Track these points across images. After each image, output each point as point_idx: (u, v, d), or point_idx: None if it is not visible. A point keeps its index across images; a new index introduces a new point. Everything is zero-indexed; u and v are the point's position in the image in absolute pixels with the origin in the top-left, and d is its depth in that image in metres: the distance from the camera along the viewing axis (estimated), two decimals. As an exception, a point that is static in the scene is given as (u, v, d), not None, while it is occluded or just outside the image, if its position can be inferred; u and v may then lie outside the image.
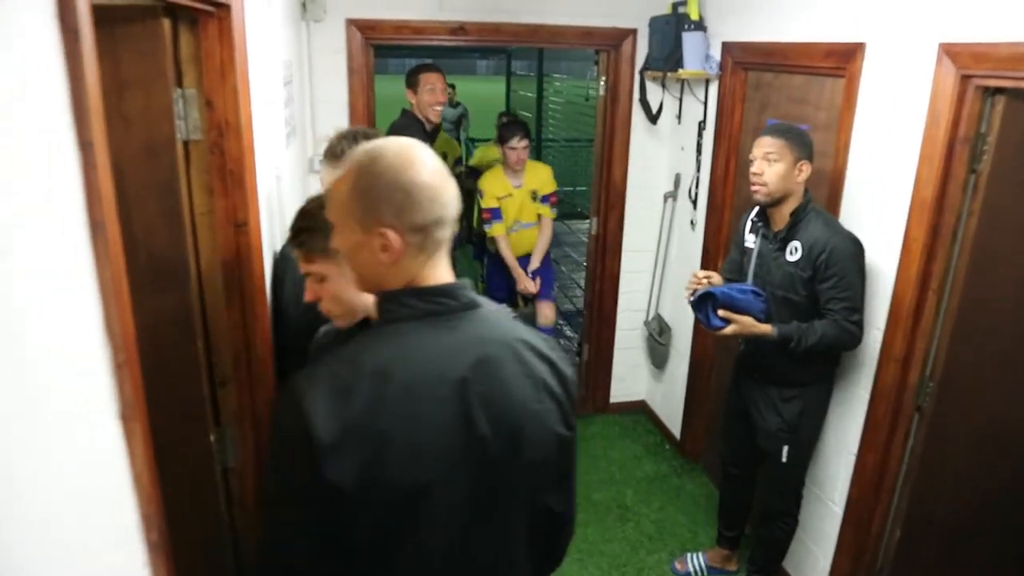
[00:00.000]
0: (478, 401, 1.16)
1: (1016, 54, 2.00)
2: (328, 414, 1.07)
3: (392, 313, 1.18)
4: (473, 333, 1.21)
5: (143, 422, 1.00)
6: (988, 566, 2.76)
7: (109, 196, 0.90)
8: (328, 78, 3.60)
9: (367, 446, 1.09)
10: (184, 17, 1.71)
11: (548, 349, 1.30)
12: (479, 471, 1.18)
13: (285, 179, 2.57)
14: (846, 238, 2.48)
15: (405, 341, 1.16)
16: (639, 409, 4.69)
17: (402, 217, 1.13)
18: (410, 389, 1.12)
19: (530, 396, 1.23)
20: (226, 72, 1.77)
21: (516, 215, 4.36)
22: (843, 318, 2.46)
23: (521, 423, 1.21)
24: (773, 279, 2.64)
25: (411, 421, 1.12)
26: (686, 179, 3.96)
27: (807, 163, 2.52)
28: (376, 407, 1.10)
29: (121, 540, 0.95)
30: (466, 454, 1.16)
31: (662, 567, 3.34)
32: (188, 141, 1.79)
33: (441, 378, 1.14)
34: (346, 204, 1.16)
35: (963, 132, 2.24)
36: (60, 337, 0.81)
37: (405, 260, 1.16)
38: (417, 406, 1.12)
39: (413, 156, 1.16)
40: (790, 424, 2.71)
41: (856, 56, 2.61)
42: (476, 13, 3.66)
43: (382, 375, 1.11)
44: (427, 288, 1.19)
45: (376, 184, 1.13)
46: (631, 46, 3.92)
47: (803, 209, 2.55)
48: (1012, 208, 2.31)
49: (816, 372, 2.69)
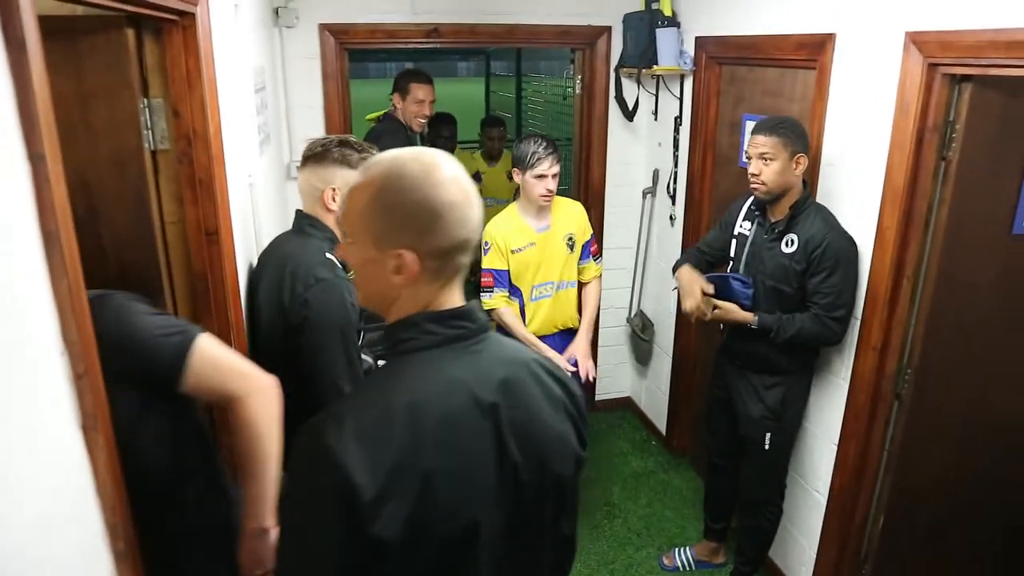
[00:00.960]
0: (509, 426, 1.11)
1: (981, 41, 2.02)
2: (367, 461, 0.97)
3: (414, 341, 1.10)
4: (495, 355, 1.16)
5: (107, 432, 0.99)
6: (970, 553, 2.79)
7: (63, 207, 0.89)
8: (302, 84, 3.59)
9: (413, 491, 1.00)
10: (148, 26, 1.70)
11: (557, 370, 1.27)
12: (513, 499, 1.14)
13: (260, 186, 2.56)
14: (843, 236, 2.49)
15: (434, 370, 1.09)
16: (624, 406, 4.70)
17: (424, 240, 1.05)
18: (448, 421, 1.05)
19: (552, 417, 1.19)
20: (192, 81, 1.76)
21: (542, 271, 3.14)
22: (824, 313, 2.48)
23: (546, 445, 1.17)
24: (765, 268, 2.64)
25: (454, 455, 1.05)
26: (664, 175, 3.97)
27: (804, 156, 2.50)
28: (416, 446, 1.01)
29: (86, 550, 0.95)
30: (502, 483, 1.11)
31: (650, 563, 3.35)
32: (156, 151, 1.78)
33: (476, 405, 1.08)
34: (363, 218, 1.07)
35: (932, 120, 2.26)
36: (15, 349, 0.81)
37: (419, 285, 1.08)
38: (457, 439, 1.06)
39: (442, 172, 1.07)
40: (773, 411, 2.73)
41: (826, 47, 2.63)
42: (450, 15, 3.65)
43: (417, 409, 1.03)
44: (446, 312, 1.11)
45: (401, 202, 1.04)
46: (606, 44, 3.93)
47: (803, 203, 2.54)
48: (982, 194, 2.33)
49: (798, 360, 2.70)
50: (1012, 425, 2.61)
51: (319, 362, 1.95)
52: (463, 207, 1.07)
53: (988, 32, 1.99)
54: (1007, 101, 2.24)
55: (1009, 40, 1.92)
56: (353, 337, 2.00)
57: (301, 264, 1.99)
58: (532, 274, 3.12)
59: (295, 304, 1.95)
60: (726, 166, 3.49)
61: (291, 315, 1.96)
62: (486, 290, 3.10)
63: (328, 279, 1.96)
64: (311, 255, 2.01)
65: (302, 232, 2.11)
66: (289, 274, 1.99)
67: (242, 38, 2.38)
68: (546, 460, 1.17)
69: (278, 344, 2.03)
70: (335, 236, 2.11)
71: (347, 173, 2.08)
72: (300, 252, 2.04)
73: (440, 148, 1.19)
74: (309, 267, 1.98)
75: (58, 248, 0.87)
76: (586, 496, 3.77)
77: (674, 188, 3.88)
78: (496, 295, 3.09)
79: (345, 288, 1.98)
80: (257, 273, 2.18)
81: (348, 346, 1.98)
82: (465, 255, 1.11)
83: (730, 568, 3.21)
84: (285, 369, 2.00)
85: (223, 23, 2.08)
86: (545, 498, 1.19)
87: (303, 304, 1.94)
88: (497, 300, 3.09)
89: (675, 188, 3.87)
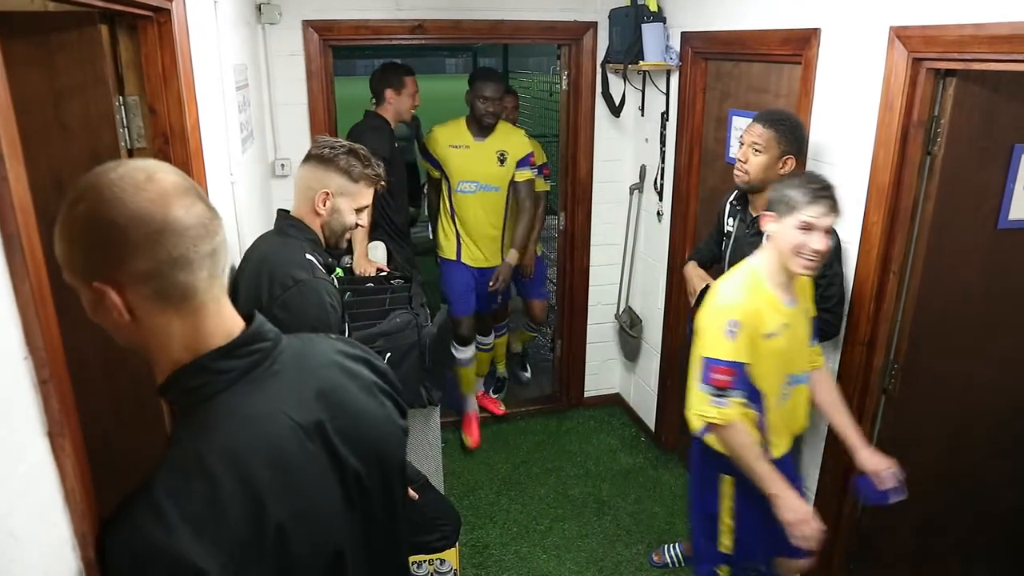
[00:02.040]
0: (339, 438, 1.05)
1: (965, 36, 2.01)
2: (210, 546, 0.85)
3: (208, 387, 0.96)
4: (300, 368, 1.07)
5: (74, 437, 0.97)
6: (957, 548, 2.79)
7: (25, 208, 0.87)
8: (287, 81, 3.56)
9: (270, 551, 0.91)
10: (122, 23, 1.67)
11: (357, 348, 1.22)
12: (364, 509, 1.11)
13: (242, 184, 2.53)
14: None
15: (243, 412, 0.96)
16: (613, 402, 4.69)
17: (117, 266, 0.88)
18: (278, 464, 0.95)
19: (373, 405, 1.15)
20: (169, 78, 1.74)
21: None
22: (820, 308, 2.41)
23: (379, 440, 1.14)
24: None
25: (296, 498, 0.96)
26: (651, 171, 3.96)
27: (793, 158, 2.45)
28: (256, 505, 0.91)
29: (54, 559, 0.93)
30: (350, 500, 1.07)
31: (640, 559, 3.34)
32: (133, 149, 1.75)
33: (299, 432, 1.00)
34: (61, 256, 0.91)
35: (917, 115, 2.26)
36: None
37: (152, 320, 0.92)
38: (294, 478, 0.97)
39: (133, 182, 0.89)
40: None
41: (812, 42, 2.62)
42: (435, 11, 3.63)
43: (240, 464, 0.91)
44: (232, 343, 0.98)
45: (80, 228, 0.88)
46: (592, 39, 3.91)
47: None
48: (968, 189, 2.33)
49: None
50: (999, 419, 2.61)
51: None
52: (157, 219, 0.88)
53: (971, 27, 1.98)
54: (991, 95, 2.24)
55: (992, 35, 1.92)
56: None
57: (278, 266, 1.96)
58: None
59: (272, 306, 1.92)
60: (713, 162, 3.48)
61: (268, 317, 1.93)
62: (719, 393, 2.10)
63: (305, 280, 1.94)
64: (290, 256, 1.99)
65: (282, 232, 2.08)
66: (267, 276, 1.96)
67: (222, 35, 2.35)
68: (382, 454, 1.14)
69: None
70: (317, 238, 2.09)
71: (345, 183, 2.07)
72: (278, 253, 2.01)
73: None
74: (286, 269, 1.95)
75: (19, 250, 0.85)
76: (575, 493, 3.77)
77: (661, 184, 3.87)
78: (732, 400, 2.11)
79: (324, 289, 1.96)
80: (238, 274, 2.15)
81: None
82: (189, 272, 0.92)
83: None
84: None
85: (201, 19, 2.06)
86: (391, 489, 1.18)
87: (280, 307, 1.92)
88: (733, 409, 2.12)
89: (662, 184, 3.86)
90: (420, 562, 2.92)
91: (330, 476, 1.04)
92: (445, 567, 2.93)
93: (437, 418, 3.06)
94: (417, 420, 2.98)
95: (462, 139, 3.81)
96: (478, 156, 3.81)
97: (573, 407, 4.66)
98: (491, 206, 3.92)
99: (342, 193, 2.08)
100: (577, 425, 4.49)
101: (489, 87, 3.70)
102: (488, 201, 3.90)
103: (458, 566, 3.02)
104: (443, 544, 2.41)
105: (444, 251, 4.05)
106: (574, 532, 3.51)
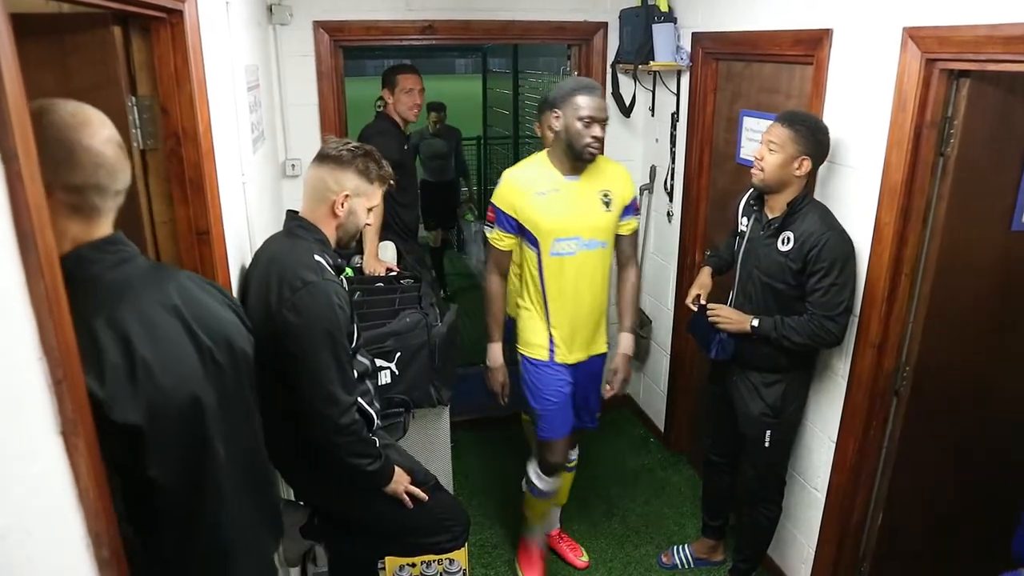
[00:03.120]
0: (191, 317, 1.31)
1: (979, 37, 2.00)
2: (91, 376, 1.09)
3: (87, 269, 1.20)
4: (158, 271, 1.37)
5: (88, 437, 0.97)
6: (970, 551, 2.76)
7: (40, 207, 0.87)
8: (297, 82, 3.57)
9: (140, 379, 1.17)
10: (135, 24, 1.68)
11: (203, 280, 1.50)
12: (217, 377, 1.34)
13: (253, 185, 2.54)
14: (840, 235, 2.43)
15: (116, 286, 1.22)
16: (622, 403, 4.68)
17: (58, 174, 1.13)
18: (143, 318, 1.21)
19: (221, 310, 1.42)
20: (181, 79, 1.74)
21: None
22: (821, 314, 2.43)
23: (224, 326, 1.40)
24: (760, 265, 2.60)
25: (158, 342, 1.22)
26: (661, 171, 3.96)
27: (809, 159, 2.43)
28: (124, 342, 1.16)
29: (68, 559, 0.93)
30: (204, 365, 1.32)
31: (648, 560, 3.34)
32: (145, 149, 1.76)
33: (159, 306, 1.26)
34: None
35: (930, 116, 2.24)
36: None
37: (60, 220, 1.14)
38: (157, 331, 1.23)
39: (88, 118, 1.17)
40: (773, 409, 2.68)
41: (823, 42, 2.61)
42: (444, 11, 3.63)
43: (113, 319, 1.17)
44: (102, 240, 1.22)
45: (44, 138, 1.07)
46: (602, 40, 3.90)
47: (800, 200, 2.49)
48: (981, 190, 2.31)
49: (797, 356, 2.64)
50: (1011, 422, 2.59)
51: (308, 367, 1.93)
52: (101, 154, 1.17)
53: (986, 27, 1.97)
54: (1005, 96, 2.22)
55: (1007, 35, 1.90)
56: (342, 340, 1.98)
57: (288, 267, 1.97)
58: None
59: (282, 308, 1.93)
60: (723, 162, 3.47)
61: (278, 319, 1.94)
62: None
63: (314, 282, 1.94)
64: (298, 257, 1.99)
65: (291, 234, 2.08)
66: (276, 277, 1.96)
67: (234, 35, 2.36)
68: (230, 339, 1.41)
69: (268, 348, 2.02)
70: (326, 239, 2.09)
71: (362, 184, 2.08)
72: (288, 254, 2.01)
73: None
74: (295, 270, 1.95)
75: (34, 249, 0.85)
76: (584, 493, 3.76)
77: (671, 185, 3.86)
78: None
79: (333, 291, 1.96)
80: (248, 274, 2.16)
81: (337, 350, 1.96)
82: (103, 197, 1.20)
83: (729, 565, 3.20)
84: (276, 372, 1.99)
85: (213, 20, 2.06)
86: (240, 370, 1.43)
87: (290, 309, 1.92)
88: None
89: (672, 185, 3.85)
90: (429, 562, 2.93)
91: (185, 341, 1.29)
92: (454, 567, 2.93)
93: (447, 418, 3.06)
94: (427, 420, 2.98)
95: (549, 181, 2.71)
96: (576, 201, 2.72)
97: (582, 408, 4.64)
98: (596, 270, 2.83)
99: (358, 194, 2.09)
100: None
101: (594, 102, 2.61)
102: (592, 264, 2.80)
103: (467, 566, 3.03)
104: (451, 545, 2.41)
105: (529, 347, 2.90)
106: (584, 533, 3.50)
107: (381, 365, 2.65)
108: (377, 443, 2.12)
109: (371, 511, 2.27)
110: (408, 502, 2.25)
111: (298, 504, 2.47)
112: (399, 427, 2.66)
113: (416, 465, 2.36)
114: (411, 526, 2.32)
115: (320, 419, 1.97)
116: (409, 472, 2.28)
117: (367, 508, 2.27)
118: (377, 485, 2.18)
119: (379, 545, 2.50)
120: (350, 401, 2.00)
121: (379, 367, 2.62)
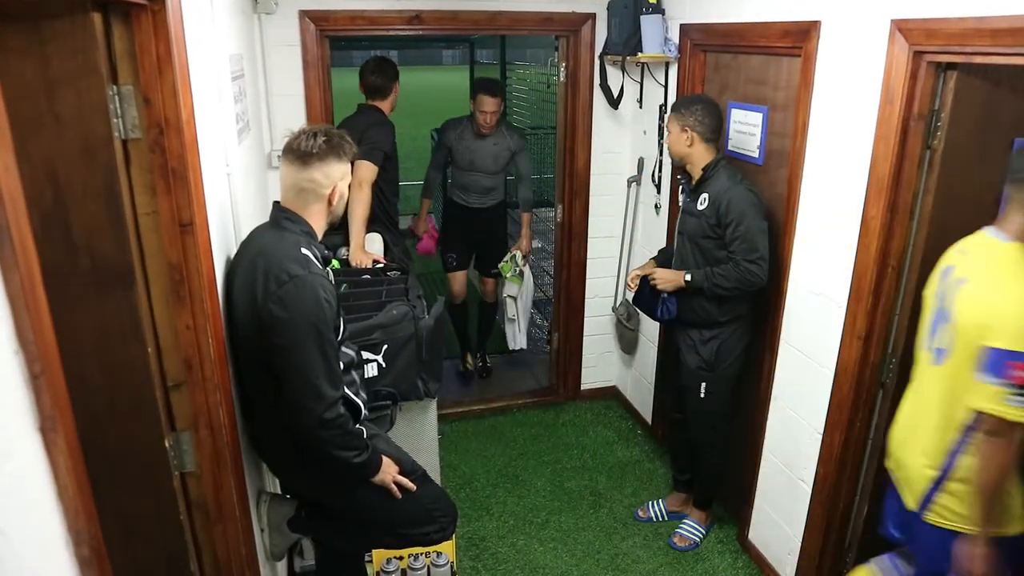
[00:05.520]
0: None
1: (967, 29, 2.00)
2: None
3: None
4: None
5: (67, 432, 0.95)
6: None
7: (15, 198, 0.85)
8: (283, 72, 3.54)
9: None
10: (116, 11, 1.64)
11: None
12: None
13: (238, 175, 2.51)
14: (744, 188, 2.81)
15: None
16: (610, 395, 4.69)
17: None
18: None
19: None
20: (163, 67, 1.71)
21: None
22: (742, 258, 2.79)
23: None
24: (687, 227, 3.01)
25: None
26: (649, 163, 3.95)
27: (690, 130, 2.86)
28: None
29: (47, 557, 0.91)
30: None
31: (636, 552, 3.34)
32: (127, 140, 1.73)
33: None
34: None
35: (917, 109, 2.24)
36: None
37: None
38: None
39: None
40: (708, 363, 3.04)
41: (811, 34, 2.60)
42: (432, 1, 3.60)
43: None
44: None
45: None
46: (590, 31, 3.89)
47: (713, 165, 2.89)
48: (968, 183, 2.32)
49: (731, 313, 2.97)
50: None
51: (294, 361, 1.92)
52: None
53: (973, 20, 1.97)
54: (992, 89, 2.23)
55: (994, 28, 1.90)
56: (329, 334, 1.96)
57: (274, 260, 1.95)
58: None
59: (268, 302, 1.91)
60: (711, 154, 3.46)
61: (264, 313, 1.93)
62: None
63: (301, 276, 1.92)
64: (285, 250, 1.97)
65: (278, 225, 2.06)
66: (262, 270, 1.95)
67: (218, 24, 2.33)
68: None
69: (255, 341, 2.00)
70: (313, 231, 2.08)
71: (345, 167, 2.11)
72: (274, 247, 1.99)
73: None
74: (282, 263, 1.94)
75: (8, 241, 0.83)
76: (572, 485, 3.77)
77: (659, 176, 3.85)
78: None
79: (319, 284, 1.95)
80: (233, 266, 2.14)
81: (324, 344, 1.94)
82: None
83: None
84: (263, 364, 1.96)
85: (197, 8, 2.03)
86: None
87: (276, 302, 1.90)
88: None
89: (660, 176, 3.85)
90: (417, 555, 2.92)
91: None
92: (442, 560, 2.93)
93: (434, 410, 3.05)
94: (414, 412, 2.97)
95: None
96: None
97: (570, 400, 4.66)
98: None
99: (343, 177, 2.11)
100: (574, 418, 4.49)
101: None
102: None
103: (455, 559, 3.02)
104: (440, 536, 2.40)
105: None
106: (571, 524, 3.51)
107: (368, 357, 2.63)
108: (364, 434, 2.11)
109: (360, 502, 2.27)
110: (396, 492, 2.24)
111: (285, 497, 2.46)
112: (386, 420, 2.65)
113: (403, 456, 2.35)
114: (400, 517, 2.32)
115: (305, 413, 1.95)
116: (396, 462, 2.27)
117: (355, 499, 2.26)
118: (365, 476, 2.17)
119: (368, 537, 2.49)
120: (336, 396, 1.98)
121: (365, 359, 2.60)
